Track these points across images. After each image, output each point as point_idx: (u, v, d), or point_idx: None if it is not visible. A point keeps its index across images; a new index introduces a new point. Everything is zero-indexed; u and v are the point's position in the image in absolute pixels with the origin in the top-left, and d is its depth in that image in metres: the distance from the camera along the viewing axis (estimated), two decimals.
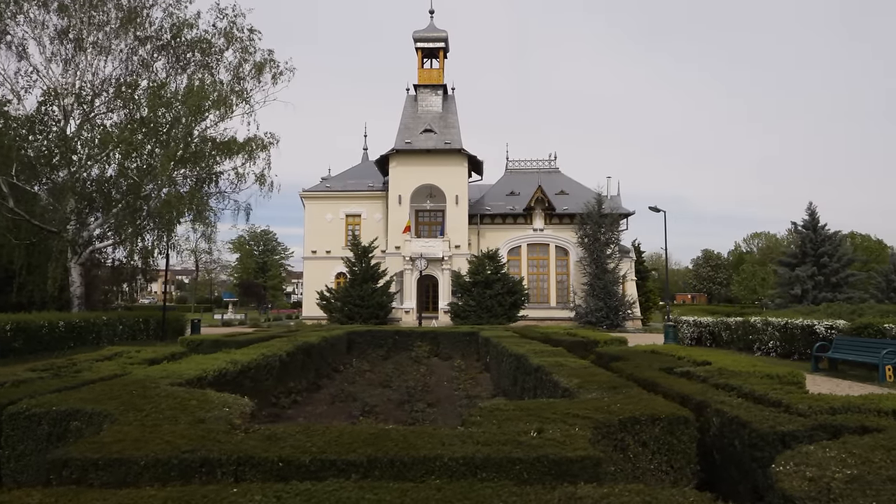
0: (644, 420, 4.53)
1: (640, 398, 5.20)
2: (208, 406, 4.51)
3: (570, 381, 6.28)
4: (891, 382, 11.98)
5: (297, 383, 10.59)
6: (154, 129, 19.32)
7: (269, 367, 8.98)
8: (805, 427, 4.29)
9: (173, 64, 21.75)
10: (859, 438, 3.76)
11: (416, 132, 41.90)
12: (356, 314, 35.93)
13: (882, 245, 51.84)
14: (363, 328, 18.85)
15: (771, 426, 4.33)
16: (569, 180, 46.77)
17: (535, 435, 3.71)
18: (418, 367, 13.82)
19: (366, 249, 37.67)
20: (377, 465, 3.20)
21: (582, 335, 14.41)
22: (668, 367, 7.47)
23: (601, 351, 10.18)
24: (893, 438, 3.70)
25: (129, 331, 21.51)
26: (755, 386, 5.79)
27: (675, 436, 4.58)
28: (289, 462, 3.20)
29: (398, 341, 18.09)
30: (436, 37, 43.14)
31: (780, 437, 4.21)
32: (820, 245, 30.67)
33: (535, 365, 7.83)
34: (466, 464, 3.23)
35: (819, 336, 15.33)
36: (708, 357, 8.31)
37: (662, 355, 8.98)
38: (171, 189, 19.47)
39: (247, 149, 23.12)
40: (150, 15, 21.15)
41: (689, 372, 6.98)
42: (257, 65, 22.81)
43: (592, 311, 38.83)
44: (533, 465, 3.25)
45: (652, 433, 4.55)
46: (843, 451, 3.39)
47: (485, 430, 3.80)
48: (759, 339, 18.13)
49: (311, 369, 11.86)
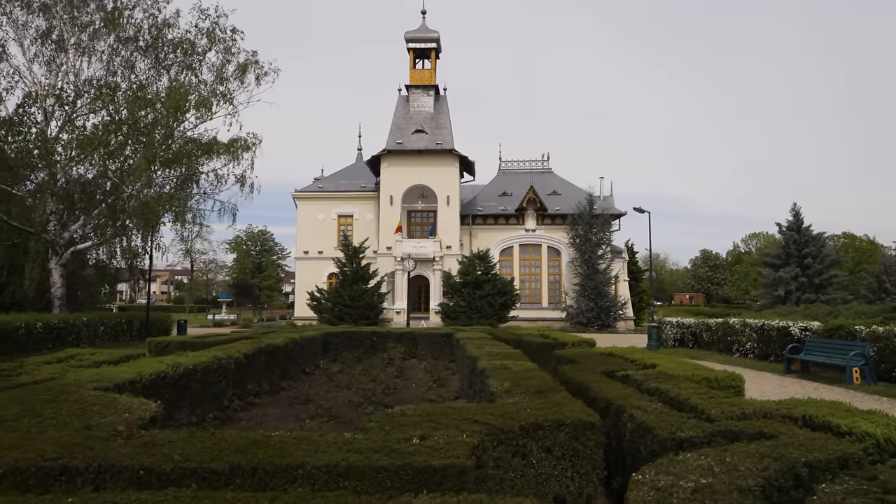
0: (548, 426, 4.52)
1: (559, 403, 5.18)
2: (108, 411, 4.50)
3: (501, 385, 6.26)
4: (857, 385, 11.93)
5: (257, 385, 10.58)
6: (133, 130, 19.33)
7: (221, 369, 8.96)
8: (705, 433, 4.27)
9: (154, 65, 21.76)
10: (744, 445, 3.74)
11: (407, 133, 41.87)
12: (346, 315, 35.92)
13: (874, 245, 51.65)
14: (340, 329, 18.86)
15: (671, 432, 4.31)
16: (561, 181, 46.73)
17: (416, 442, 3.69)
18: (390, 369, 13.81)
19: (356, 250, 37.66)
20: (239, 473, 3.19)
21: (553, 337, 14.41)
22: (611, 371, 7.45)
23: (559, 353, 10.17)
24: (777, 446, 3.68)
25: (112, 332, 21.50)
26: (682, 390, 5.76)
27: (580, 441, 4.57)
28: (150, 470, 3.18)
29: (376, 343, 18.08)
30: (427, 37, 43.10)
31: (678, 442, 4.19)
32: (804, 246, 30.59)
33: (481, 368, 7.82)
34: (329, 472, 3.21)
35: (794, 337, 15.29)
36: (658, 360, 8.29)
37: (615, 358, 8.97)
38: (149, 190, 19.46)
39: (231, 150, 23.12)
40: (132, 16, 21.16)
41: (628, 376, 6.96)
42: (241, 66, 22.82)
43: (583, 311, 38.81)
44: (396, 474, 3.23)
45: (556, 439, 4.53)
46: (716, 458, 3.37)
47: (370, 437, 3.78)
48: (738, 340, 18.09)
49: (276, 371, 11.84)
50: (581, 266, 40.15)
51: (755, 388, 11.97)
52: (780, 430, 4.16)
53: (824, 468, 3.45)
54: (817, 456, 3.51)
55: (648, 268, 41.78)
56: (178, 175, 21.55)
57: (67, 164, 19.98)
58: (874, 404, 10.04)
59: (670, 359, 8.37)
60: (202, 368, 8.22)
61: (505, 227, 43.52)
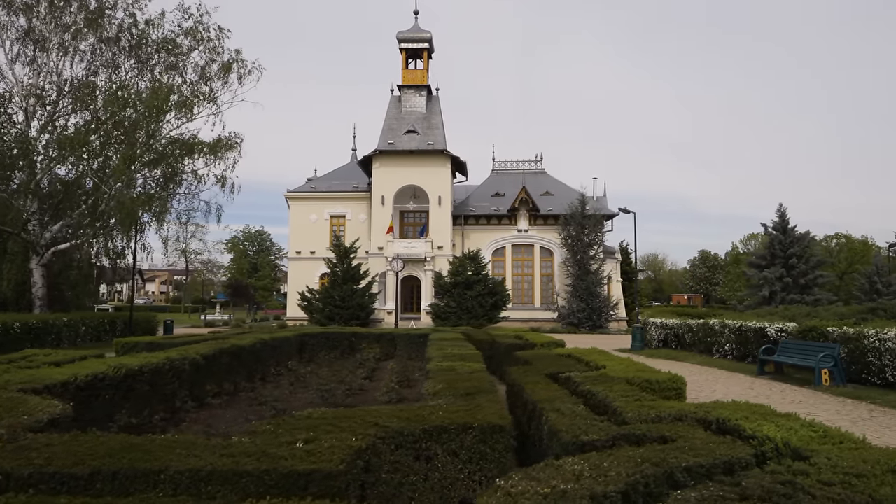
0: (454, 429, 4.46)
1: (479, 406, 5.12)
2: (9, 413, 4.44)
3: (433, 387, 6.22)
4: (825, 386, 11.84)
5: (217, 387, 10.52)
6: (111, 130, 19.31)
7: (174, 370, 8.91)
8: (607, 436, 4.21)
9: (135, 65, 21.73)
10: (630, 450, 3.68)
11: (399, 133, 41.83)
12: (336, 315, 35.89)
13: (867, 246, 51.36)
14: (317, 330, 18.82)
15: (574, 435, 4.25)
16: (554, 181, 46.65)
17: (300, 446, 3.63)
18: (359, 371, 13.74)
19: (347, 250, 37.62)
20: (99, 478, 3.13)
21: (526, 338, 14.36)
22: (556, 373, 7.38)
23: (518, 355, 10.11)
24: (666, 451, 3.62)
25: (94, 332, 21.47)
26: (610, 393, 5.70)
27: (488, 444, 4.51)
28: (8, 475, 3.13)
29: (354, 344, 18.02)
30: (420, 37, 43.06)
31: (580, 446, 4.13)
32: (789, 246, 30.44)
33: (427, 369, 7.77)
34: (192, 477, 3.15)
35: (770, 339, 15.21)
36: (610, 362, 8.21)
37: (569, 360, 8.92)
38: (128, 190, 19.42)
39: (214, 150, 23.10)
40: (113, 16, 21.14)
41: (570, 378, 6.89)
42: (224, 65, 22.77)
43: (574, 312, 38.74)
44: (260, 479, 3.17)
45: (462, 442, 4.47)
46: (591, 463, 3.32)
47: (254, 441, 3.73)
48: (717, 341, 18.02)
49: (242, 372, 11.78)
50: (573, 266, 40.08)
51: (723, 389, 11.90)
52: (682, 434, 4.10)
53: (706, 473, 3.39)
54: (699, 461, 3.45)
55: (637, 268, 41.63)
56: (159, 175, 21.52)
57: (48, 164, 19.96)
58: (836, 406, 9.98)
59: (623, 361, 8.29)
60: (150, 370, 8.17)
61: (497, 228, 43.45)
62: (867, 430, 7.92)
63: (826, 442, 3.83)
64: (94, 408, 7.00)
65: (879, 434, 7.68)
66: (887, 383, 11.40)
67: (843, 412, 9.33)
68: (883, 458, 3.33)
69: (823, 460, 3.33)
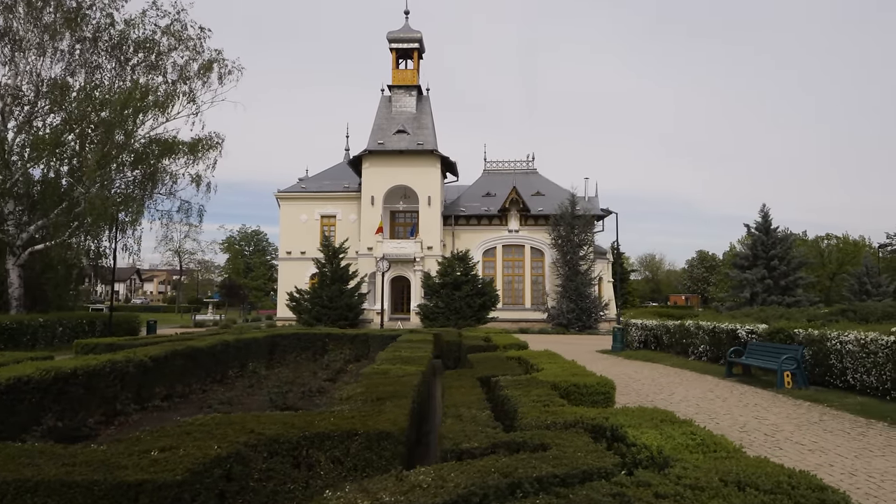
0: (337, 436, 4.37)
1: (381, 412, 5.04)
2: None
3: (350, 391, 6.15)
4: (788, 389, 11.73)
5: (168, 389, 10.44)
6: (85, 130, 19.25)
7: (116, 372, 8.83)
8: (487, 444, 4.12)
9: (115, 65, 21.68)
10: (500, 458, 3.60)
11: (389, 133, 41.77)
12: (324, 315, 35.81)
13: (857, 246, 51.08)
14: (290, 331, 18.75)
15: (455, 443, 4.15)
16: (546, 181, 46.55)
17: (154, 454, 3.55)
18: (322, 373, 13.64)
19: (336, 250, 37.55)
20: None
21: (494, 340, 14.29)
22: (488, 377, 7.29)
23: (470, 357, 10.04)
24: (528, 459, 3.53)
25: (71, 332, 21.38)
26: (523, 398, 5.61)
27: (374, 452, 4.42)
28: None
29: (328, 345, 17.90)
30: (410, 37, 42.99)
31: (459, 454, 4.04)
32: (771, 248, 30.27)
33: (361, 372, 7.69)
34: (18, 488, 3.07)
35: (741, 340, 15.10)
36: (550, 365, 8.12)
37: (512, 363, 8.86)
38: (102, 191, 19.35)
39: (194, 150, 23.05)
40: (90, 16, 21.08)
41: (497, 382, 6.80)
42: (205, 65, 22.71)
43: (564, 312, 38.65)
44: (90, 490, 3.08)
45: (347, 449, 4.38)
46: (437, 474, 3.22)
47: (107, 450, 3.65)
48: (692, 343, 17.91)
49: (199, 374, 11.70)
50: (562, 267, 39.98)
51: (682, 392, 11.80)
52: (561, 442, 4.00)
53: (559, 483, 3.29)
54: (555, 471, 3.35)
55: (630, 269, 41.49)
56: (137, 176, 21.46)
57: (24, 164, 19.91)
58: (790, 409, 9.88)
59: (565, 365, 8.19)
60: (86, 372, 8.09)
61: (488, 228, 43.36)
62: (807, 435, 7.83)
63: (698, 450, 3.74)
64: (18, 412, 6.93)
65: (818, 439, 7.58)
66: (848, 386, 11.29)
67: (793, 415, 9.23)
68: (741, 469, 3.23)
69: (678, 470, 3.25)
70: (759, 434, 7.87)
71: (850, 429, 8.24)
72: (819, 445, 7.22)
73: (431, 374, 8.86)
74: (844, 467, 6.27)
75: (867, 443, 7.37)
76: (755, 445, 7.26)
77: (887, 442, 7.41)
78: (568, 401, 6.56)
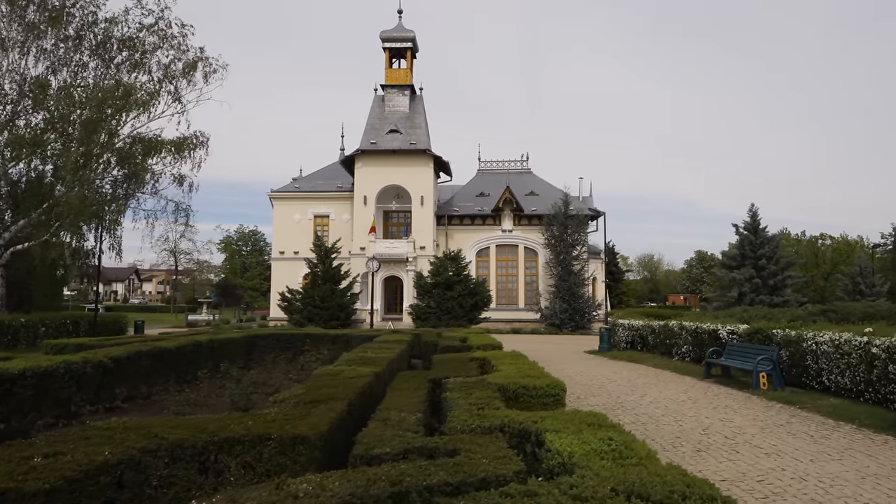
0: (248, 440, 4.23)
1: (304, 415, 4.90)
2: None
3: (293, 392, 6.05)
4: (763, 390, 11.56)
5: (130, 390, 10.31)
6: (65, 129, 19.12)
7: (72, 374, 8.69)
8: (400, 449, 3.98)
9: (99, 64, 21.53)
10: (406, 463, 3.48)
11: (381, 132, 41.62)
12: (315, 316, 35.66)
13: (851, 246, 50.81)
14: (268, 331, 18.65)
15: (367, 447, 4.02)
16: (540, 181, 46.38)
17: (37, 461, 3.41)
18: (297, 374, 13.51)
19: (328, 250, 37.41)
20: None
21: (471, 342, 14.12)
22: (440, 378, 7.14)
23: (434, 357, 9.91)
24: (426, 466, 3.40)
25: (55, 332, 21.27)
26: (461, 400, 5.49)
27: (288, 457, 4.27)
28: None
29: (308, 346, 17.77)
30: (403, 37, 42.84)
31: (369, 459, 3.90)
32: (759, 247, 30.07)
33: (312, 374, 7.55)
34: None
35: (722, 341, 14.93)
36: (509, 368, 7.97)
37: (472, 363, 8.71)
38: (81, 191, 19.20)
39: (181, 149, 22.92)
40: (72, 14, 20.94)
41: (445, 384, 6.65)
42: (189, 63, 22.57)
43: (557, 312, 38.46)
44: None
45: (259, 454, 4.24)
46: (321, 483, 3.10)
47: None
48: (676, 343, 17.75)
49: (167, 375, 11.55)
50: (555, 267, 39.79)
51: (655, 393, 11.63)
52: (473, 448, 3.86)
53: (451, 492, 3.15)
54: (448, 479, 3.21)
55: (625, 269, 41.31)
56: (117, 176, 21.35)
57: (3, 164, 19.79)
58: (759, 411, 9.73)
59: (522, 367, 8.01)
60: (36, 373, 7.96)
61: (482, 228, 43.20)
62: (769, 438, 7.67)
63: (608, 457, 3.59)
64: None
65: (778, 442, 7.41)
66: (824, 387, 11.11)
67: (761, 417, 9.06)
68: (641, 478, 3.08)
69: (575, 478, 3.10)
70: (719, 437, 7.70)
71: (816, 431, 8.08)
72: (777, 449, 7.06)
73: (391, 375, 8.69)
74: (796, 471, 6.11)
75: (828, 446, 7.21)
76: (712, 449, 7.10)
77: (848, 445, 7.25)
78: (517, 403, 6.45)
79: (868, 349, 9.87)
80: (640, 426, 8.39)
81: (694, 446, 7.21)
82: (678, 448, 7.14)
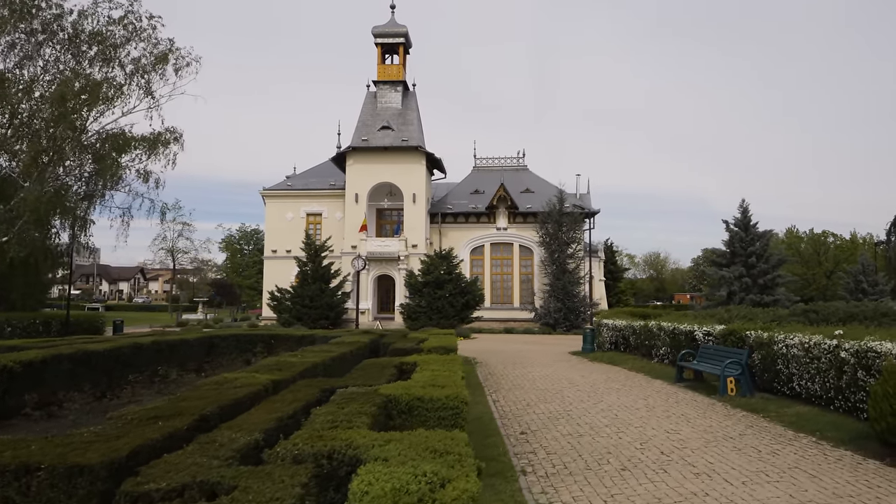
0: (11, 470, 3.54)
1: (118, 436, 4.21)
2: None
3: (153, 404, 5.37)
4: (730, 396, 10.76)
5: (47, 396, 9.69)
6: (23, 125, 18.59)
7: None
8: (175, 485, 3.28)
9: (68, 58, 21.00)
10: None
11: (374, 129, 40.95)
12: (304, 315, 35.11)
13: (853, 244, 49.39)
14: (227, 332, 18.00)
15: (140, 482, 3.31)
16: (536, 178, 45.52)
17: None
18: None
19: (319, 248, 36.84)
20: None
21: (427, 344, 13.41)
22: (338, 387, 6.42)
23: (365, 363, 9.18)
24: None
25: (23, 332, 20.83)
26: (326, 416, 4.77)
27: (62, 490, 3.58)
28: None
29: (272, 346, 17.11)
30: (395, 32, 42.11)
31: (134, 498, 3.20)
32: (749, 245, 29.02)
33: (203, 381, 6.87)
34: None
35: (698, 343, 14.10)
36: (423, 374, 7.24)
37: (389, 370, 7.97)
38: (39, 187, 18.64)
39: (154, 145, 22.36)
40: (42, 5, 20.42)
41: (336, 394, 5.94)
42: (159, 56, 21.98)
43: (551, 312, 37.61)
44: None
45: (26, 486, 3.56)
46: None
47: None
48: (655, 344, 16.94)
49: (91, 380, 10.87)
50: (550, 265, 38.96)
51: (613, 399, 10.85)
52: (251, 485, 3.17)
53: None
54: None
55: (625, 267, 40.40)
56: (83, 172, 20.83)
57: None
58: (718, 420, 8.97)
59: (439, 374, 7.24)
60: None
61: (476, 226, 42.42)
62: (710, 453, 6.89)
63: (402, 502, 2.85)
64: None
65: (718, 459, 6.63)
66: (795, 394, 10.28)
67: (714, 428, 8.27)
68: None
69: None
70: (654, 452, 6.93)
71: (767, 446, 7.28)
72: (712, 468, 6.28)
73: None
74: (721, 496, 5.35)
75: (771, 464, 6.42)
76: (639, 467, 6.34)
77: (795, 463, 6.45)
78: (410, 417, 5.74)
79: (837, 353, 9.04)
80: (575, 439, 7.64)
81: (621, 464, 6.44)
82: (602, 466, 6.39)
